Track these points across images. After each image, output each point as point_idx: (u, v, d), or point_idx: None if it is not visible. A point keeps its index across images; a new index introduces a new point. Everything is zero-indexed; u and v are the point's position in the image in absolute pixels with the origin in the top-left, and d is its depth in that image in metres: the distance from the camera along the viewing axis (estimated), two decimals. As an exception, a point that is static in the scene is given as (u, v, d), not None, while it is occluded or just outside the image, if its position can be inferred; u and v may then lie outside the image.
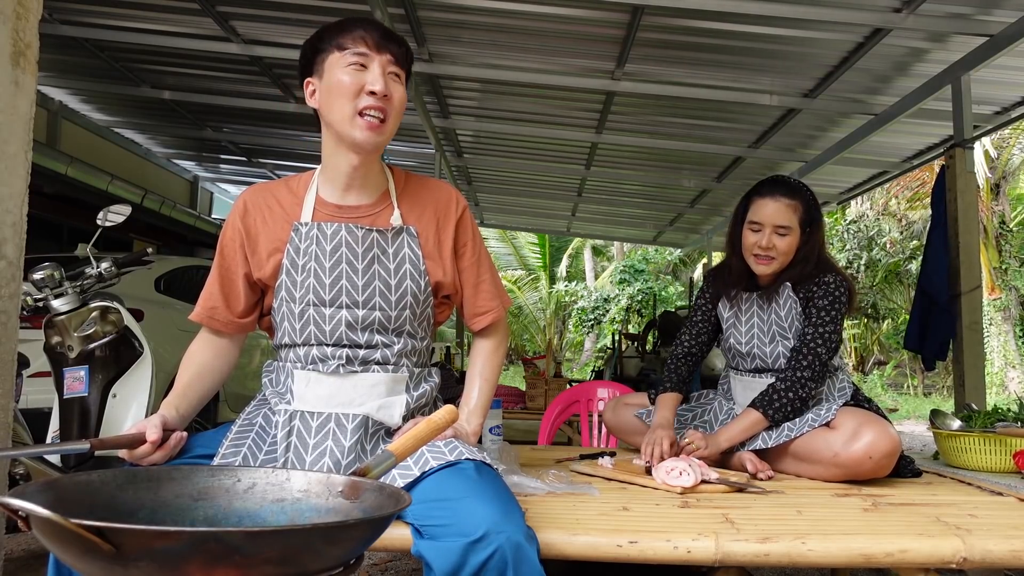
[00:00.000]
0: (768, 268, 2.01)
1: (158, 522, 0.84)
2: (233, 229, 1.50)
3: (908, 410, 11.48)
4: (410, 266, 1.47)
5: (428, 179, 1.59)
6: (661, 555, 1.24)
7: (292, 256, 1.45)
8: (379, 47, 1.39)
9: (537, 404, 5.13)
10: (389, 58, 1.40)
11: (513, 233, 17.88)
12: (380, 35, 1.40)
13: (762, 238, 1.98)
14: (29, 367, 3.41)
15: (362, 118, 1.37)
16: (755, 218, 2.01)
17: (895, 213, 14.13)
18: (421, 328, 1.52)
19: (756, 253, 2.01)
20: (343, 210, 1.47)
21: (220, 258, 1.52)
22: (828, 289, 1.97)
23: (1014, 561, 1.25)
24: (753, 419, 1.93)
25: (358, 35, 1.39)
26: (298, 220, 1.46)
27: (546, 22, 4.24)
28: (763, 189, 2.04)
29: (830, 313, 1.95)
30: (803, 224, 2.01)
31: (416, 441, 1.02)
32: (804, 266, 2.01)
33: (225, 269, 1.51)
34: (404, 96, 1.43)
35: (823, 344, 1.94)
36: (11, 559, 2.60)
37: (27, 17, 1.08)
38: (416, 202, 1.52)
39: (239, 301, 1.52)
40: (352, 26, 1.41)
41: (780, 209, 1.98)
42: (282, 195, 1.51)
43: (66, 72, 5.89)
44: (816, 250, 2.03)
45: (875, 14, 3.74)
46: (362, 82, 1.37)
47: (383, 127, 1.39)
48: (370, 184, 1.49)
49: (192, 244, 8.40)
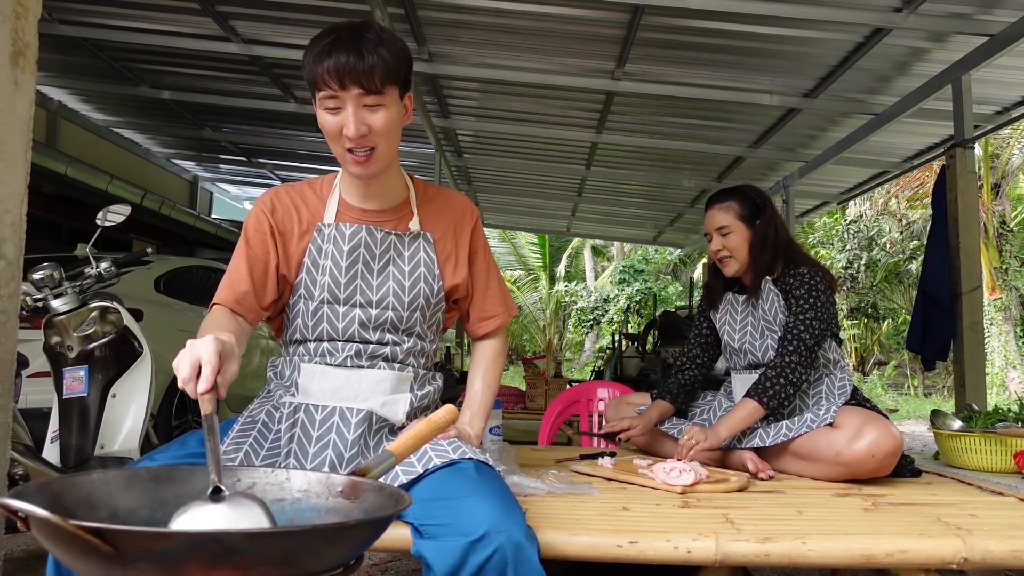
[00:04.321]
0: (731, 268, 2.16)
1: (157, 523, 0.84)
2: (261, 222, 1.48)
3: (908, 410, 11.48)
4: (424, 270, 1.50)
5: (445, 189, 1.65)
6: (661, 555, 1.24)
7: (314, 255, 1.47)
8: (343, 84, 1.31)
9: (537, 404, 5.13)
10: (358, 92, 1.32)
11: (513, 233, 17.87)
12: (346, 67, 1.30)
13: (712, 244, 2.18)
14: (28, 367, 3.41)
15: (351, 154, 1.37)
16: (705, 230, 2.23)
17: (895, 213, 14.13)
18: (430, 331, 1.55)
19: (717, 258, 2.19)
20: (366, 213, 1.51)
21: (247, 248, 1.47)
22: (803, 279, 2.05)
23: (1014, 561, 1.25)
24: (749, 408, 1.96)
25: (327, 71, 1.30)
26: (321, 221, 1.49)
27: (546, 22, 4.24)
28: (707, 203, 2.24)
29: (808, 300, 2.02)
30: (745, 219, 2.14)
31: (416, 441, 1.02)
32: (765, 255, 2.12)
33: (255, 258, 1.47)
34: (388, 118, 1.36)
35: (806, 330, 1.99)
36: (10, 559, 2.60)
37: (26, 17, 1.08)
38: (434, 210, 1.56)
39: (268, 291, 1.48)
40: (323, 55, 1.31)
41: (714, 214, 2.17)
42: (308, 196, 1.53)
43: (65, 72, 5.88)
44: (772, 237, 2.12)
45: (875, 14, 3.73)
46: (340, 124, 1.34)
47: (372, 157, 1.38)
48: (389, 191, 1.52)
49: (192, 244, 8.40)
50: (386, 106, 1.36)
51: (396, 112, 1.39)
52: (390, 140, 1.40)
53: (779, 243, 2.12)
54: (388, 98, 1.36)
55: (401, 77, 1.39)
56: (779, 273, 2.11)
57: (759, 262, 2.12)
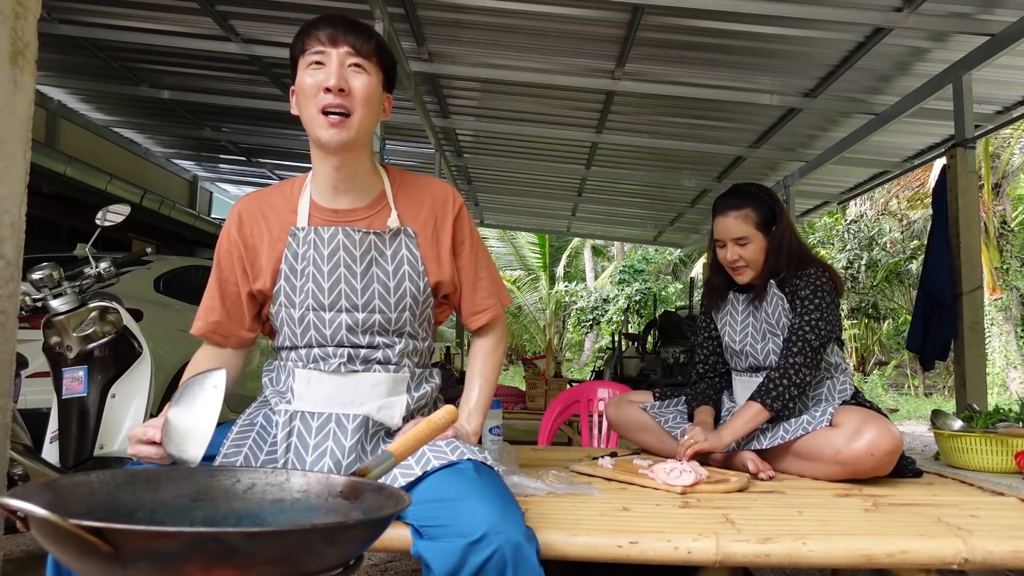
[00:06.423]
0: (745, 277, 2.11)
1: (157, 523, 0.84)
2: (230, 242, 1.49)
3: (909, 410, 11.47)
4: (408, 267, 1.46)
5: (423, 177, 1.57)
6: (661, 555, 1.24)
7: (291, 261, 1.44)
8: (334, 40, 1.34)
9: (537, 404, 5.13)
10: (347, 50, 1.34)
11: (513, 233, 17.87)
12: (336, 28, 1.35)
13: (727, 253, 2.10)
14: (28, 367, 3.41)
15: (324, 116, 1.34)
16: (717, 236, 2.13)
17: (895, 213, 14.13)
18: (422, 329, 1.51)
19: (731, 268, 2.12)
20: (339, 214, 1.46)
21: (219, 271, 1.50)
22: (809, 280, 2.02)
23: (1015, 562, 1.25)
24: (753, 411, 1.94)
25: (316, 34, 1.35)
26: (295, 225, 1.45)
27: (546, 22, 4.24)
28: (717, 206, 2.14)
29: (813, 302, 1.99)
30: (762, 227, 2.08)
31: (416, 442, 1.02)
32: (780, 260, 2.07)
33: (225, 282, 1.50)
34: (370, 86, 1.36)
35: (811, 331, 1.97)
36: (10, 560, 2.60)
37: (26, 16, 1.08)
38: (412, 202, 1.50)
39: (243, 315, 1.51)
40: (313, 25, 1.37)
41: (731, 223, 2.08)
42: (276, 202, 1.49)
43: (65, 72, 5.88)
44: (787, 243, 2.08)
45: (876, 13, 3.73)
46: (320, 81, 1.34)
47: (347, 123, 1.35)
48: (360, 186, 1.46)
49: (191, 244, 8.39)
50: (369, 75, 1.38)
51: (378, 90, 1.40)
52: (367, 112, 1.38)
53: (792, 247, 2.08)
54: (373, 71, 1.39)
55: (387, 66, 1.43)
56: (784, 275, 2.08)
57: (772, 268, 2.08)
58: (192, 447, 1.00)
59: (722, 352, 2.26)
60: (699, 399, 2.20)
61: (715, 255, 2.18)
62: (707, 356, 2.29)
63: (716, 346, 2.27)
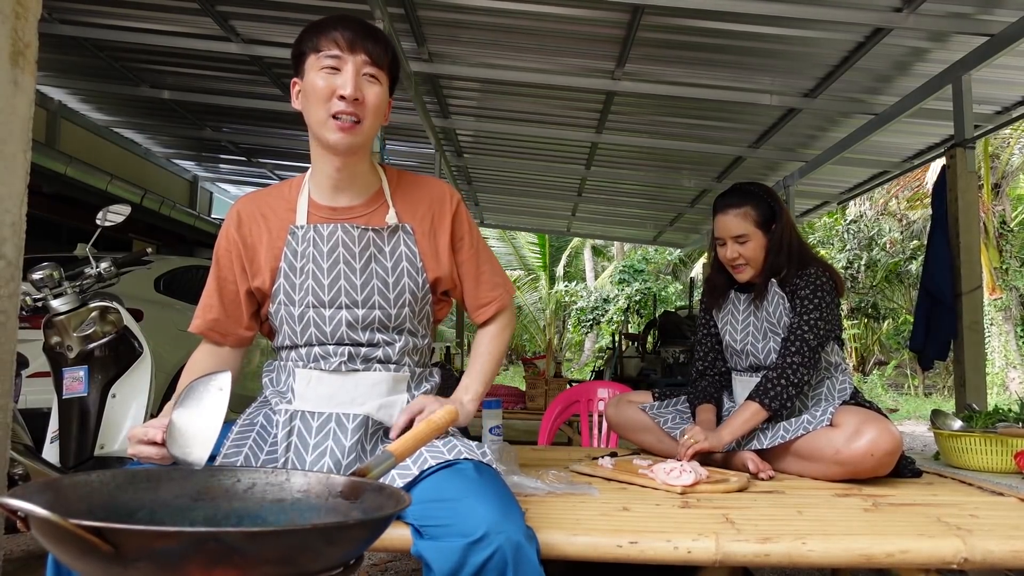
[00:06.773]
0: (745, 275, 2.12)
1: (157, 522, 0.84)
2: (228, 240, 1.50)
3: (908, 410, 11.47)
4: (407, 264, 1.46)
5: (421, 176, 1.58)
6: (661, 555, 1.24)
7: (290, 259, 1.45)
8: (352, 47, 1.36)
9: (537, 404, 5.12)
10: (364, 59, 1.36)
11: (513, 233, 17.87)
12: (355, 34, 1.36)
13: (727, 251, 2.11)
14: (28, 367, 3.41)
15: (335, 120, 1.36)
16: (717, 234, 2.15)
17: (895, 213, 14.13)
18: (421, 326, 1.52)
19: (731, 266, 2.13)
20: (337, 211, 1.47)
21: (217, 269, 1.51)
22: (809, 279, 2.03)
23: (1015, 562, 1.25)
24: (752, 410, 1.95)
25: (332, 35, 1.36)
26: (293, 224, 1.46)
27: (546, 22, 4.24)
28: (717, 204, 2.15)
29: (813, 301, 2.00)
30: (761, 225, 2.09)
31: (416, 442, 1.02)
32: (780, 258, 2.08)
33: (223, 280, 1.51)
34: (381, 96, 1.40)
35: (810, 330, 1.97)
36: (10, 560, 2.60)
37: (26, 16, 1.08)
38: (410, 200, 1.51)
39: (241, 314, 1.52)
40: (329, 26, 1.38)
41: (731, 221, 2.09)
42: (275, 201, 1.50)
43: (65, 72, 5.88)
44: (787, 242, 2.08)
45: (876, 13, 3.74)
46: (334, 86, 1.35)
47: (357, 128, 1.37)
48: (359, 185, 1.48)
49: (192, 244, 8.39)
50: (381, 85, 1.41)
51: (386, 97, 1.43)
52: (374, 120, 1.41)
53: (792, 246, 2.09)
54: (383, 80, 1.42)
55: (395, 72, 1.46)
56: (785, 274, 2.08)
57: (773, 266, 2.09)
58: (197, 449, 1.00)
59: (722, 351, 2.26)
60: (701, 397, 2.20)
61: (716, 254, 2.19)
62: (706, 354, 2.29)
63: (716, 344, 2.27)
